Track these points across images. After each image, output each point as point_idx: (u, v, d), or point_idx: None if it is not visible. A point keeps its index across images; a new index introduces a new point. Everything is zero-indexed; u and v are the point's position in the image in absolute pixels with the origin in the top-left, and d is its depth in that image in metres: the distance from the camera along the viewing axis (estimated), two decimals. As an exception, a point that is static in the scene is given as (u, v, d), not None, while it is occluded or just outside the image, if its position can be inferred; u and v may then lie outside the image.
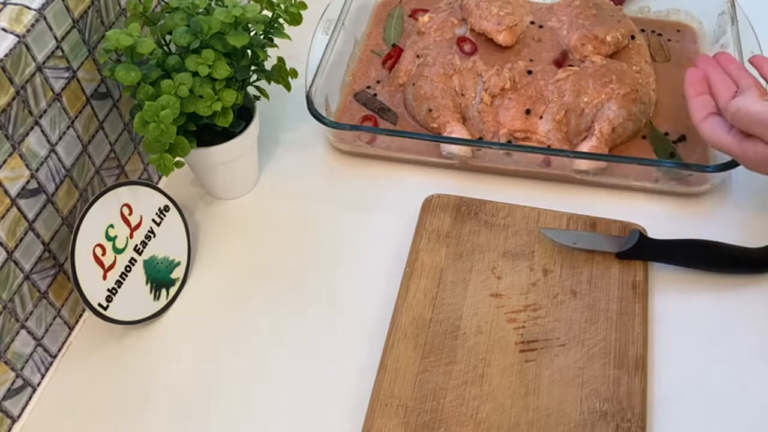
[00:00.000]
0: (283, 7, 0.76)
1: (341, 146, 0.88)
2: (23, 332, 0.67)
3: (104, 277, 0.70)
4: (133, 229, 0.73)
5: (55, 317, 0.72)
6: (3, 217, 0.62)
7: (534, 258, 0.75)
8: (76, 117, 0.71)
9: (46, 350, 0.71)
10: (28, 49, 0.63)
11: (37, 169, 0.66)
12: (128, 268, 0.73)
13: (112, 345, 0.74)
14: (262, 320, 0.75)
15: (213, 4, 0.75)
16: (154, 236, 0.75)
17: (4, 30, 0.62)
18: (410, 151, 0.85)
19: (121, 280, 0.72)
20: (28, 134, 0.64)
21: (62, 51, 0.67)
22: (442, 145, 0.83)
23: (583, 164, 0.81)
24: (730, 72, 0.77)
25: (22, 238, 0.65)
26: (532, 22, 0.92)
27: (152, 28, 0.74)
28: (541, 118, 0.84)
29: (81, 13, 0.69)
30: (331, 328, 0.74)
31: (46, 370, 0.72)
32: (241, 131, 0.78)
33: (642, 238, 0.74)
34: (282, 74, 0.80)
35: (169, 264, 0.77)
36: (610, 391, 0.66)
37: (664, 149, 0.85)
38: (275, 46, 0.78)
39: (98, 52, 0.72)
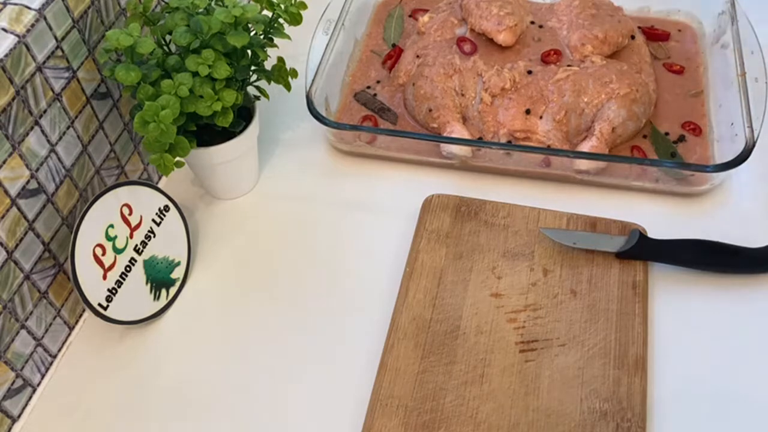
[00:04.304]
0: (283, 7, 0.76)
1: (341, 146, 0.88)
2: (23, 332, 0.67)
3: (104, 277, 0.70)
4: (133, 229, 0.73)
5: (55, 317, 0.72)
6: (3, 217, 0.62)
7: (534, 258, 0.75)
8: (76, 117, 0.71)
9: (46, 350, 0.71)
10: (28, 49, 0.63)
11: (37, 169, 0.66)
12: (128, 268, 0.73)
13: (112, 345, 0.74)
14: (262, 320, 0.75)
15: (213, 4, 0.75)
16: (154, 236, 0.75)
17: (4, 30, 0.62)
18: (410, 151, 0.85)
19: (121, 280, 0.72)
20: (28, 134, 0.64)
21: (62, 51, 0.67)
22: (442, 145, 0.83)
23: (583, 164, 0.81)
24: None
25: (22, 238, 0.65)
26: (532, 22, 0.92)
27: (152, 28, 0.74)
28: (541, 118, 0.84)
29: (81, 13, 0.69)
30: (331, 327, 0.74)
31: (46, 370, 0.72)
32: (241, 131, 0.78)
33: (642, 238, 0.74)
34: (282, 74, 0.80)
35: (169, 264, 0.77)
36: (610, 391, 0.66)
37: (665, 149, 0.85)
38: (275, 46, 0.78)
39: (98, 52, 0.72)
